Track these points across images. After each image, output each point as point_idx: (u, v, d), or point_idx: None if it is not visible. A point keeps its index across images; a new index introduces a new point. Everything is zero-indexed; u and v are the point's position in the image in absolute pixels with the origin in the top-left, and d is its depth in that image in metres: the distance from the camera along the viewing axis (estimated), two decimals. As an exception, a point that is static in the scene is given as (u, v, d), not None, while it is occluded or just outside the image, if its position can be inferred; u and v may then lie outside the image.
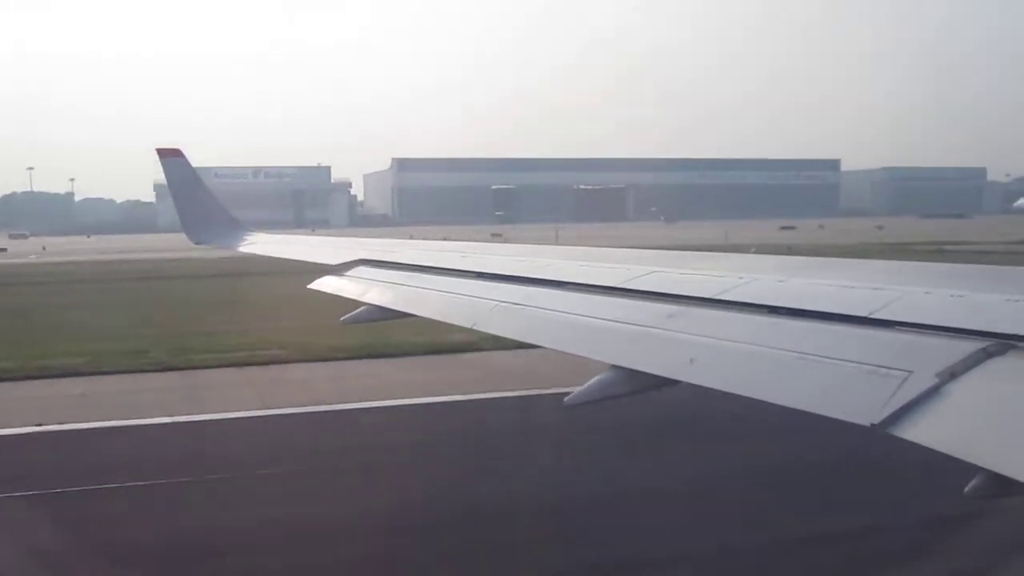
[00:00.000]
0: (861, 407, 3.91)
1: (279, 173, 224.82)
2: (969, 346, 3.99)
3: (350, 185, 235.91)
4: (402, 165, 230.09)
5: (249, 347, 26.45)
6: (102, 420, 18.38)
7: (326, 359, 24.61)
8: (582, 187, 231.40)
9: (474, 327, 7.78)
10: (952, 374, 3.84)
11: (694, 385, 4.97)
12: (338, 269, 12.33)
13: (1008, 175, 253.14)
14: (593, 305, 6.84)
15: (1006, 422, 3.62)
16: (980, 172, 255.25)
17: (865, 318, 4.75)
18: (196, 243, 20.39)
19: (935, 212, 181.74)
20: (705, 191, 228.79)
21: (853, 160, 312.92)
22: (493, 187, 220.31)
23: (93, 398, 20.61)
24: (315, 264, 13.78)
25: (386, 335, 23.44)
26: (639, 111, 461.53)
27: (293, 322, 29.02)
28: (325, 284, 12.09)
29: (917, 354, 4.13)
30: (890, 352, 4.25)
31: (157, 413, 18.58)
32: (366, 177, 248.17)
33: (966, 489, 3.52)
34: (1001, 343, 3.96)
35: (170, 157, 20.03)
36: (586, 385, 5.63)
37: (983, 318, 4.26)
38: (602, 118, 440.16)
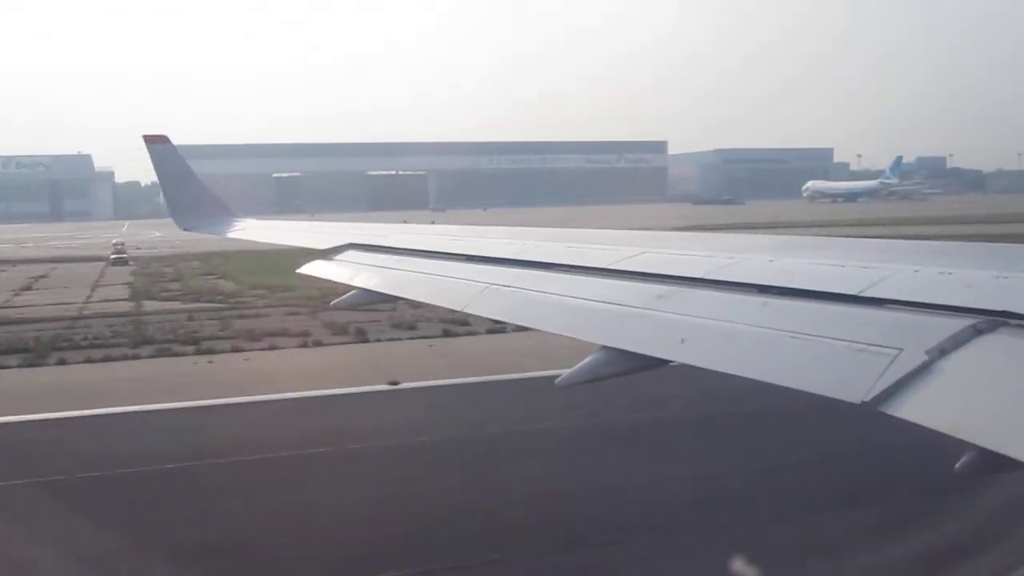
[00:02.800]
0: (852, 385, 3.90)
1: (32, 163, 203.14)
2: (958, 323, 3.99)
3: (112, 175, 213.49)
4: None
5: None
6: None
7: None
8: (374, 173, 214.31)
9: (464, 310, 7.75)
10: (942, 351, 3.83)
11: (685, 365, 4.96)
12: (328, 253, 12.26)
13: (859, 156, 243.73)
14: (583, 286, 6.81)
15: (996, 399, 3.62)
16: (826, 153, 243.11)
17: (855, 296, 4.73)
18: (185, 229, 20.24)
19: (707, 198, 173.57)
20: (518, 176, 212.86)
21: (719, 142, 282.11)
22: (274, 175, 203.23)
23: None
24: (305, 249, 13.71)
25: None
26: (459, 94, 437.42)
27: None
28: (315, 268, 12.01)
29: (907, 332, 4.12)
30: (880, 330, 4.25)
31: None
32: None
33: (957, 465, 3.52)
34: (990, 320, 3.95)
35: (157, 143, 19.84)
36: (578, 366, 5.60)
37: (972, 295, 4.26)
38: (412, 102, 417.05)
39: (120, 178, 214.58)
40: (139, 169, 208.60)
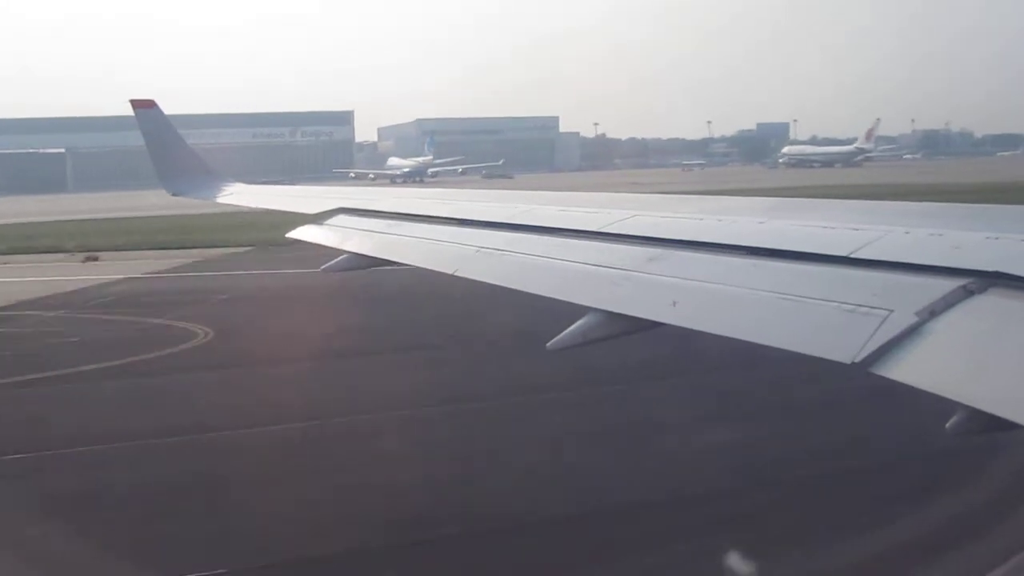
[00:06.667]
0: (842, 346, 3.92)
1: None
2: (949, 284, 3.99)
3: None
4: None
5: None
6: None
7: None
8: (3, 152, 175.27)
9: (456, 273, 7.73)
10: (932, 312, 3.84)
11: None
12: (318, 218, 12.18)
13: (596, 124, 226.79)
14: (574, 249, 6.80)
15: (986, 359, 3.64)
16: (551, 122, 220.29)
17: (845, 257, 4.73)
18: (174, 194, 20.11)
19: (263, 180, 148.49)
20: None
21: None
22: None
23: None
24: (296, 213, 13.60)
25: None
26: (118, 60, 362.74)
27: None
28: (304, 233, 11.94)
29: (897, 293, 4.12)
30: (870, 291, 4.25)
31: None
32: None
33: (947, 425, 3.55)
34: (981, 281, 3.95)
35: (143, 108, 19.63)
36: (568, 329, 5.60)
37: (963, 256, 4.26)
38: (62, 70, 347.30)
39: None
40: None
